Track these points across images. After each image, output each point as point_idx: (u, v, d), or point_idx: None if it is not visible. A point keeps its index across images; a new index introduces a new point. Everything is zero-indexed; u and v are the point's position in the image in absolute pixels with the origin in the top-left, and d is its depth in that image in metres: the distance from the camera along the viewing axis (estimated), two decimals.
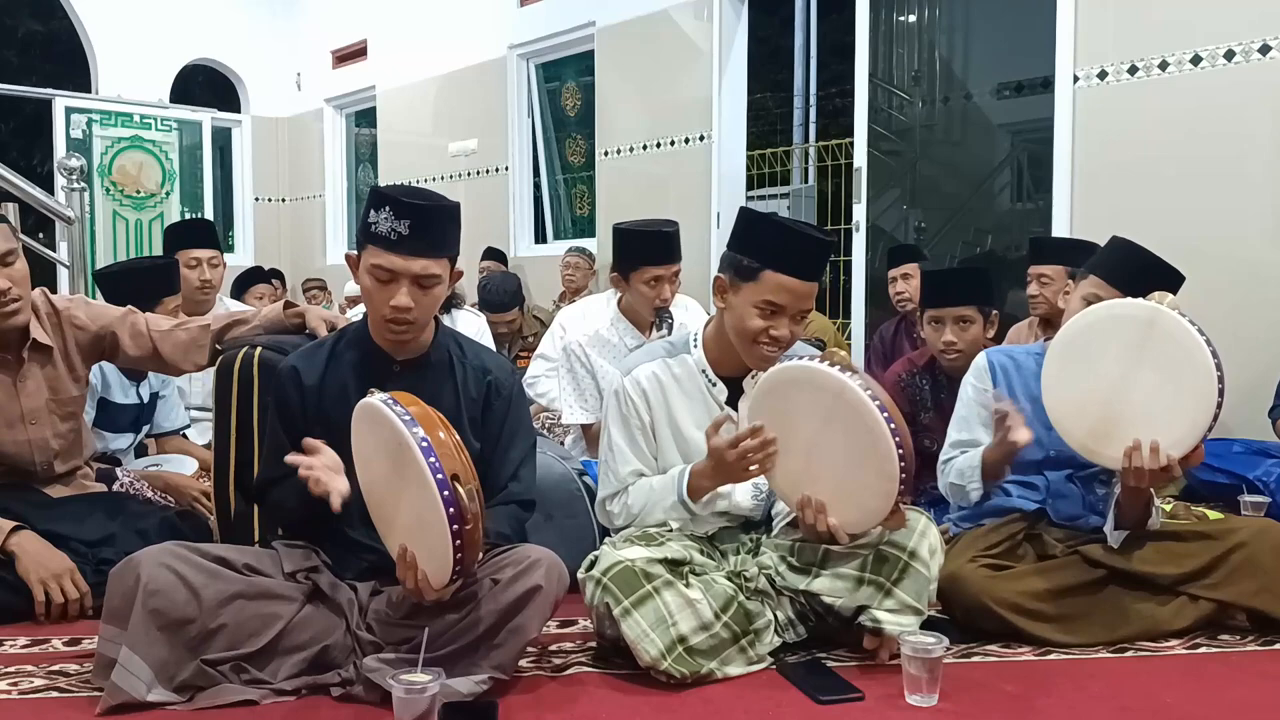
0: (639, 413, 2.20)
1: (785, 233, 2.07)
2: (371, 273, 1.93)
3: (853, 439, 1.93)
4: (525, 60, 7.48)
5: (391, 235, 1.89)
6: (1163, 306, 2.06)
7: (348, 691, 1.84)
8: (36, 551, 2.29)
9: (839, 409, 1.93)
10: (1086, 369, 2.14)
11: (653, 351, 2.27)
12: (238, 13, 9.38)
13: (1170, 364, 2.04)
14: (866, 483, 1.94)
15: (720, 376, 2.19)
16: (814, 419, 1.97)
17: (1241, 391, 3.67)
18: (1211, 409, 2.03)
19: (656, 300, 3.10)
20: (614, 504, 2.23)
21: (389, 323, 1.95)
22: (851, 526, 1.98)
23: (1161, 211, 4.07)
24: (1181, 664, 2.08)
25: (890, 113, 6.36)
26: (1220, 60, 4.01)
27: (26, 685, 1.92)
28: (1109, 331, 2.12)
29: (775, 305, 2.06)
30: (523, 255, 7.48)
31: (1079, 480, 2.35)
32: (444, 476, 1.67)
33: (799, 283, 2.06)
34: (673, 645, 1.90)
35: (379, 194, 1.93)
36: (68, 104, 7.81)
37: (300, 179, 9.93)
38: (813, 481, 2.00)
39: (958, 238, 6.52)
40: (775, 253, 2.06)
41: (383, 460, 1.80)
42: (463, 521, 1.68)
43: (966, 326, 3.00)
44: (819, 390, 1.95)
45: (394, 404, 1.75)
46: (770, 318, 2.07)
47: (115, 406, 3.16)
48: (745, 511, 2.22)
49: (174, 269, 3.50)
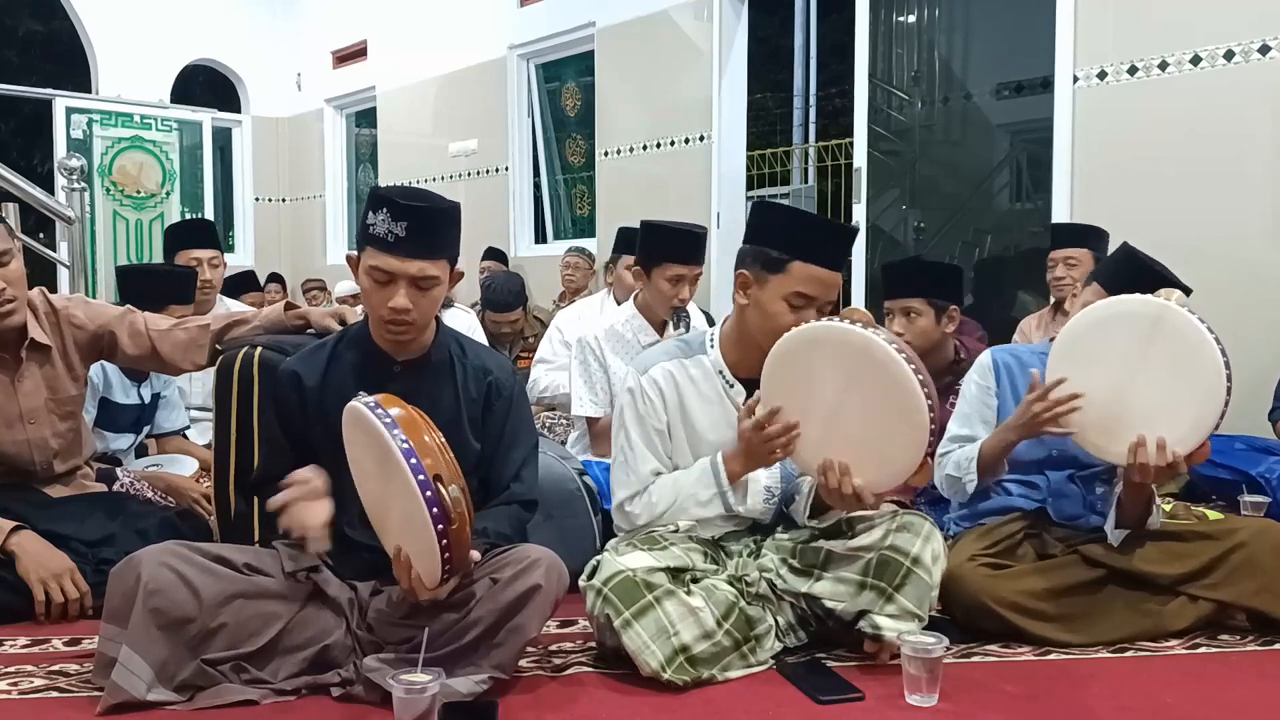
0: (656, 411, 2.16)
1: (811, 222, 2.07)
2: (370, 274, 1.93)
3: (879, 394, 1.91)
4: (525, 60, 7.48)
5: (389, 237, 1.89)
6: (1170, 303, 2.06)
7: (348, 691, 1.84)
8: (36, 551, 2.29)
9: (864, 365, 1.91)
10: (1093, 365, 2.13)
11: (667, 350, 2.23)
12: (238, 13, 9.38)
13: (1177, 360, 2.04)
14: (895, 438, 1.92)
15: (739, 378, 2.16)
16: (836, 379, 1.95)
17: (1242, 391, 3.64)
18: (1219, 406, 2.03)
19: (675, 299, 3.11)
20: (634, 504, 2.17)
21: (388, 324, 1.95)
22: (878, 485, 1.97)
23: (1161, 211, 4.07)
24: (1181, 664, 2.08)
25: (890, 113, 6.36)
26: (1220, 60, 4.01)
27: (26, 685, 1.91)
28: (1116, 327, 2.11)
29: (806, 297, 2.04)
30: (523, 255, 7.48)
31: (1079, 479, 2.35)
32: (426, 478, 1.68)
33: (828, 273, 2.05)
34: (674, 656, 1.90)
35: (377, 195, 1.93)
36: (68, 104, 7.81)
37: (300, 179, 9.94)
38: (834, 446, 1.97)
39: (957, 238, 6.52)
40: (803, 243, 2.04)
41: (371, 463, 1.81)
42: (447, 521, 1.69)
43: (914, 319, 3.03)
44: (842, 347, 1.93)
45: (376, 407, 1.75)
46: (798, 311, 2.05)
47: (116, 406, 3.16)
48: (756, 515, 2.19)
49: (192, 281, 3.49)
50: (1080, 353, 2.16)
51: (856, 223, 5.46)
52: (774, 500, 2.19)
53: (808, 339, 1.98)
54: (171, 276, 3.45)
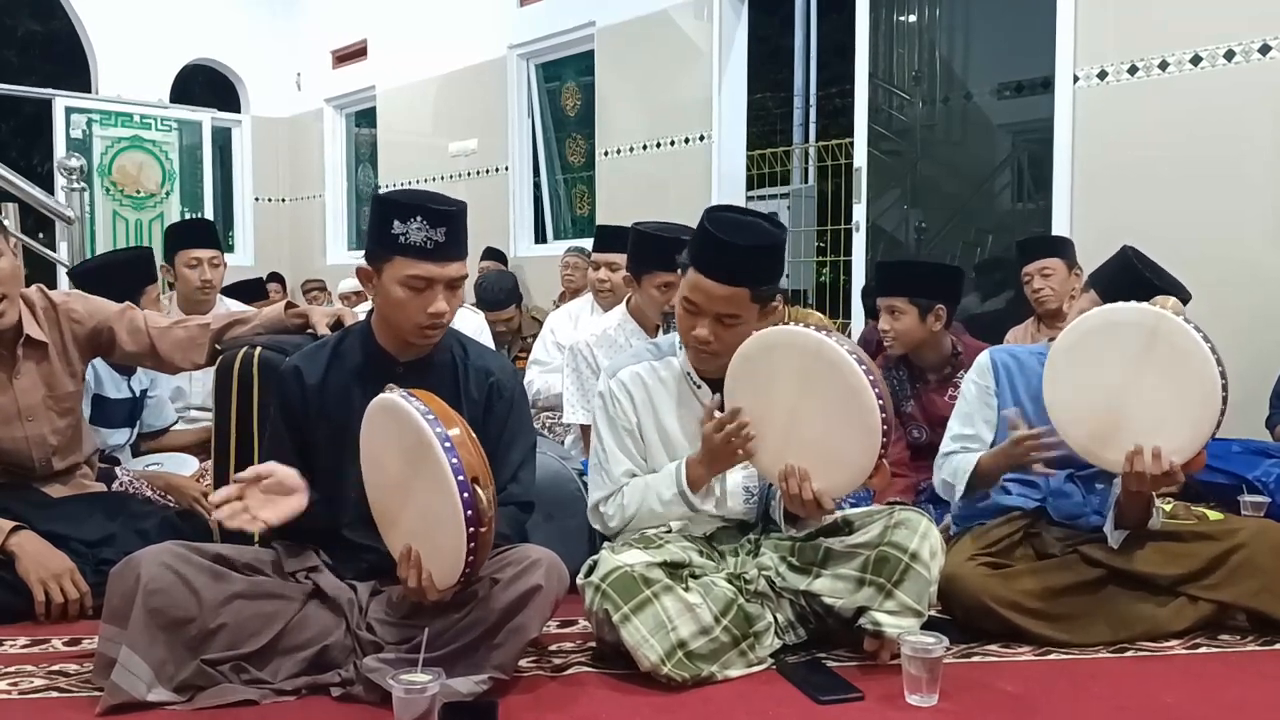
0: (625, 413, 2.21)
1: (704, 232, 2.09)
2: (407, 283, 1.93)
3: (833, 397, 1.93)
4: (525, 60, 7.48)
5: (427, 244, 1.91)
6: (1166, 312, 2.06)
7: (348, 691, 1.84)
8: (36, 551, 2.29)
9: (817, 367, 1.94)
10: (1090, 372, 2.14)
11: (638, 354, 2.28)
12: (238, 13, 9.37)
13: (1174, 370, 2.03)
14: (849, 441, 1.94)
15: (705, 379, 2.19)
16: (792, 382, 1.98)
17: (1240, 392, 3.64)
18: (1215, 416, 2.02)
19: (666, 305, 3.10)
20: (608, 505, 2.21)
21: (425, 329, 1.96)
22: (837, 489, 1.99)
23: (1161, 212, 4.07)
24: (1181, 664, 2.08)
25: (890, 113, 6.35)
26: (1220, 60, 4.01)
27: (26, 685, 1.91)
28: (1113, 335, 2.11)
29: (692, 303, 2.09)
30: (522, 255, 7.47)
31: (1079, 479, 2.35)
32: (465, 478, 1.68)
33: (710, 282, 2.06)
34: (673, 650, 1.90)
35: (401, 203, 1.93)
36: (68, 104, 7.81)
37: (300, 179, 9.93)
38: (794, 451, 2.00)
39: (958, 238, 6.51)
40: (694, 254, 2.10)
41: (395, 457, 1.80)
42: (479, 524, 1.68)
43: (898, 316, 3.12)
44: (796, 350, 1.97)
45: (414, 400, 1.75)
46: (690, 316, 2.10)
47: (110, 402, 3.15)
48: (739, 514, 2.22)
49: (148, 257, 3.52)
50: (1077, 361, 2.16)
51: (856, 222, 5.45)
52: (754, 500, 2.21)
53: (765, 343, 2.01)
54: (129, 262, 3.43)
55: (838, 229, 6.22)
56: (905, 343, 3.12)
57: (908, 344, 3.12)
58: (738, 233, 2.07)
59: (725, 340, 2.07)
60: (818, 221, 6.79)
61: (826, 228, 6.57)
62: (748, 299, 2.06)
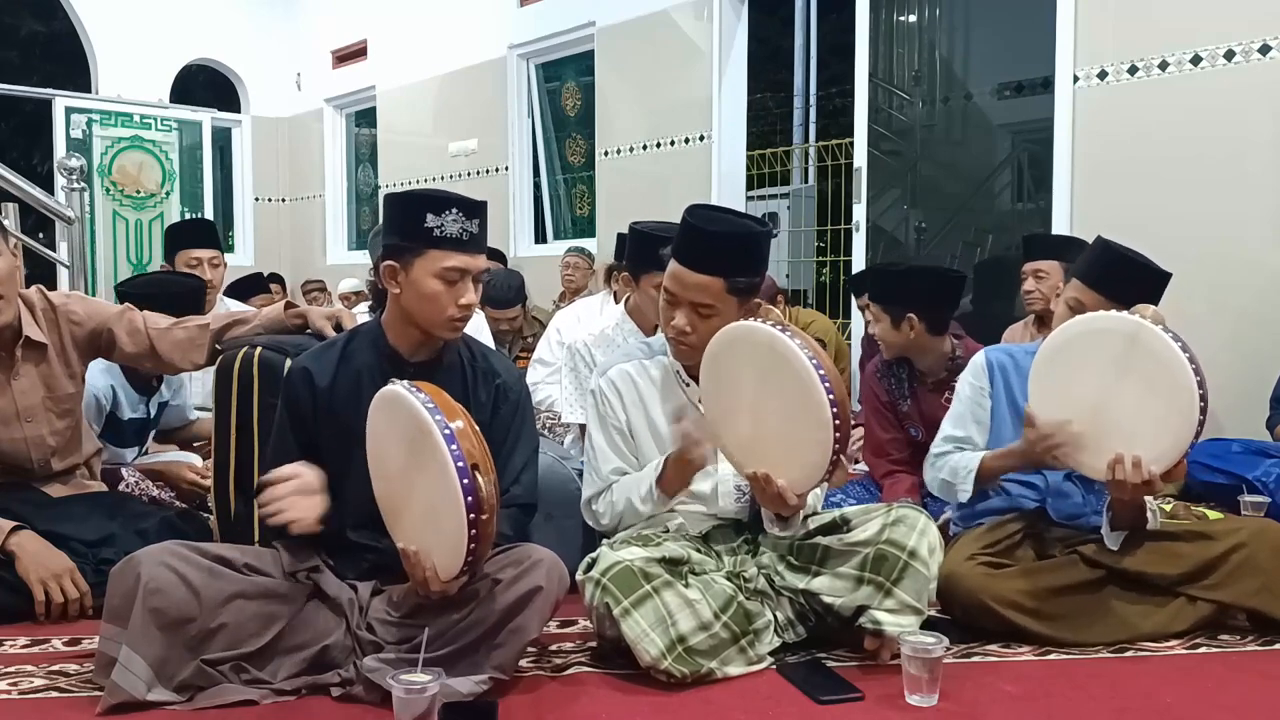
0: (615, 411, 2.22)
1: (684, 223, 2.11)
2: (443, 275, 1.93)
3: (788, 391, 1.94)
4: (525, 60, 7.48)
5: (463, 235, 1.93)
6: (1145, 321, 2.06)
7: (348, 691, 1.85)
8: (36, 551, 2.29)
9: (773, 362, 1.95)
10: (1070, 381, 2.14)
11: (629, 354, 2.29)
12: (238, 13, 9.37)
13: (1153, 380, 2.03)
14: (806, 436, 1.94)
15: (693, 376, 2.18)
16: (753, 377, 1.99)
17: (1240, 392, 3.67)
18: (1193, 426, 2.02)
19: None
20: (598, 503, 2.23)
21: (455, 321, 1.98)
22: (799, 485, 1.99)
23: (1161, 212, 4.07)
24: (1181, 664, 2.08)
25: (890, 113, 6.35)
26: (1220, 60, 4.00)
27: (26, 685, 1.92)
28: (1092, 345, 2.11)
29: (670, 293, 2.11)
30: (522, 255, 7.47)
31: (1079, 479, 2.35)
32: (465, 465, 1.68)
33: (687, 272, 2.08)
34: (673, 645, 1.91)
35: (436, 198, 1.94)
36: (68, 104, 7.80)
37: (300, 179, 9.93)
38: (760, 444, 2.01)
39: (958, 238, 6.52)
40: (675, 243, 2.13)
41: (399, 448, 1.80)
42: (479, 511, 1.69)
43: (875, 322, 3.22)
44: (753, 346, 1.98)
45: (416, 391, 1.76)
46: (670, 307, 2.12)
47: (122, 422, 3.11)
48: (732, 513, 2.22)
49: (202, 292, 3.36)
50: (1060, 368, 2.16)
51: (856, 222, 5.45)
52: (745, 499, 2.21)
53: (728, 339, 2.02)
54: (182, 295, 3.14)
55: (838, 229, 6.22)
56: (889, 347, 3.15)
57: (891, 348, 3.15)
58: (712, 222, 2.11)
59: (703, 333, 2.08)
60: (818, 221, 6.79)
61: (826, 228, 6.58)
62: (722, 289, 2.07)
